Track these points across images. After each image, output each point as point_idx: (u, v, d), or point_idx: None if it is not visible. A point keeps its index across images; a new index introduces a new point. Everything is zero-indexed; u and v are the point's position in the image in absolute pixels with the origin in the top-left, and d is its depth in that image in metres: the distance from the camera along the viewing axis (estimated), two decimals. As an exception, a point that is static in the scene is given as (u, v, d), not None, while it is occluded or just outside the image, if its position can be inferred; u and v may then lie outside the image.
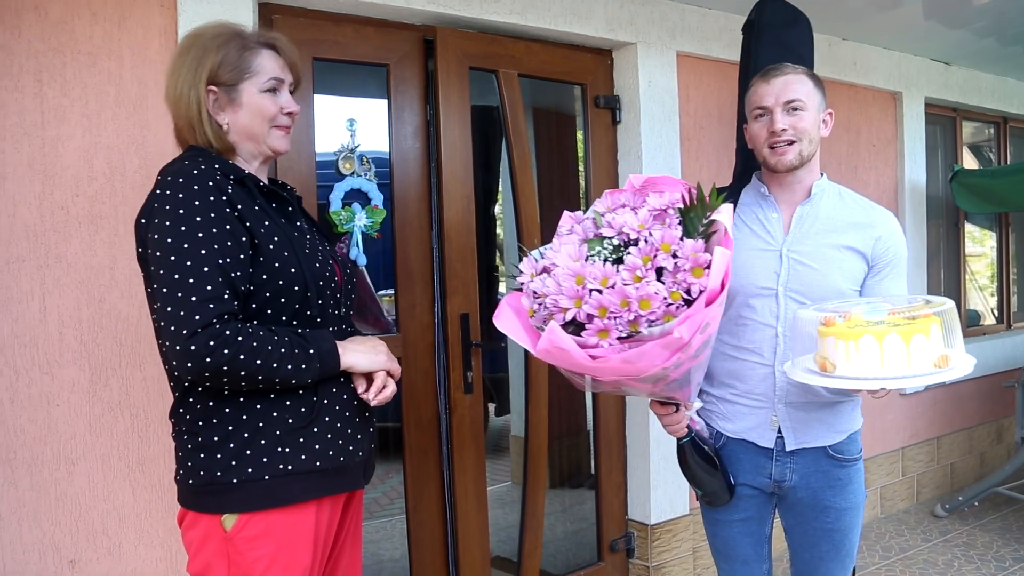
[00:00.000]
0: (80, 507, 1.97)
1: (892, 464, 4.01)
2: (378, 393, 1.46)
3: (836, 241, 1.69)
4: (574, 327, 1.33)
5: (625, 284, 1.28)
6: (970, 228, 4.86)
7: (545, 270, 1.38)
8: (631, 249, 1.32)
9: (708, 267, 1.29)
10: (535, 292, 1.36)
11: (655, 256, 1.29)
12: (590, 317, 1.29)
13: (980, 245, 4.98)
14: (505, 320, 1.42)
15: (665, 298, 1.28)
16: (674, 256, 1.29)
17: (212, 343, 1.25)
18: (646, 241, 1.32)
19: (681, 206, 1.37)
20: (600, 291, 1.28)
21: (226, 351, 1.26)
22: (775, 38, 2.42)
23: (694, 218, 1.34)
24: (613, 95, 2.99)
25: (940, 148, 4.46)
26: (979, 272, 4.91)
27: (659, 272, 1.30)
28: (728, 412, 1.78)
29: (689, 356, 1.32)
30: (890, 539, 3.67)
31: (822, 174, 1.77)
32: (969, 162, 4.86)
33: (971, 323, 4.66)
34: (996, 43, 3.84)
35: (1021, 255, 5.11)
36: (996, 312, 4.89)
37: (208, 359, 1.25)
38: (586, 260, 1.34)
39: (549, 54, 2.79)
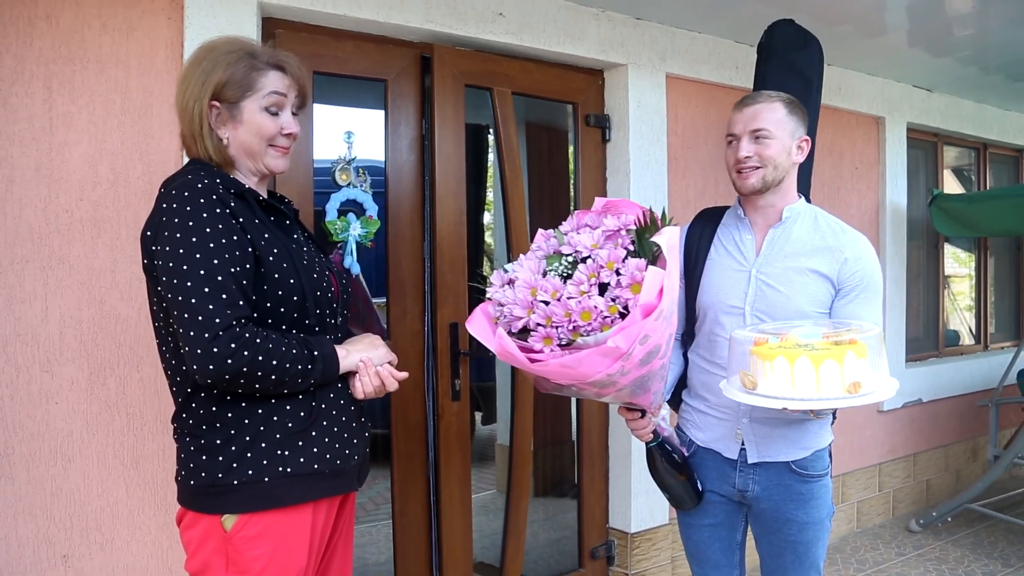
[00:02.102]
0: (75, 503, 2.02)
1: (869, 479, 4.09)
2: (376, 380, 1.50)
3: (803, 265, 1.73)
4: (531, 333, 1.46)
5: (570, 297, 1.40)
6: (956, 250, 4.96)
7: (510, 282, 1.51)
8: (579, 266, 1.45)
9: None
10: (499, 301, 1.50)
11: (599, 273, 1.42)
12: (539, 325, 1.42)
13: (965, 267, 5.06)
14: (477, 325, 1.55)
15: (602, 311, 1.39)
16: (617, 273, 1.42)
17: (233, 345, 1.30)
18: (593, 259, 1.44)
19: (634, 227, 1.48)
20: (547, 303, 1.42)
21: (246, 352, 1.31)
22: (783, 61, 2.49)
23: (646, 239, 1.45)
24: (603, 114, 3.07)
25: (922, 172, 4.57)
26: (962, 293, 5.00)
27: (604, 288, 1.42)
28: (700, 422, 1.86)
29: (634, 364, 1.42)
30: (865, 552, 3.74)
31: (801, 197, 1.82)
32: (952, 185, 4.96)
33: (949, 343, 4.76)
34: (978, 71, 3.94)
35: (999, 278, 5.22)
36: (974, 332, 5.00)
37: (230, 360, 1.30)
38: (544, 275, 1.47)
39: (542, 73, 2.87)
